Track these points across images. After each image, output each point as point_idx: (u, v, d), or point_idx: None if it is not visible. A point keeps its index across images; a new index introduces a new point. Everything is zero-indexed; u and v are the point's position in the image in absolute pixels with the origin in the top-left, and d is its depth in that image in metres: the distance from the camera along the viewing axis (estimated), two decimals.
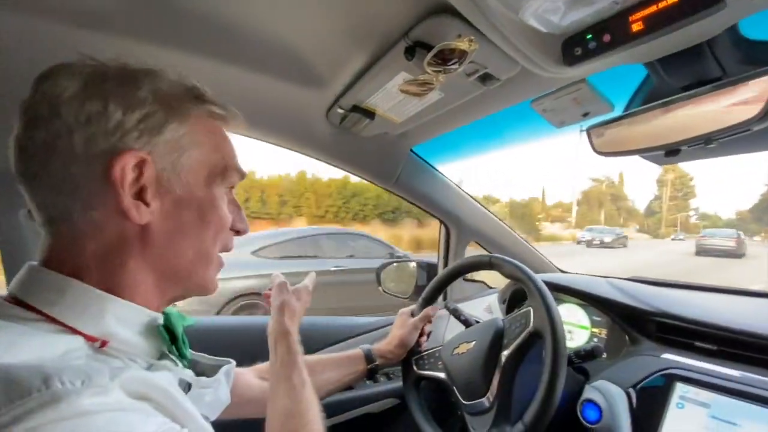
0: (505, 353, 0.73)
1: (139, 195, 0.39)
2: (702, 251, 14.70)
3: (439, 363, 0.85)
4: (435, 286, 0.94)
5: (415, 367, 0.90)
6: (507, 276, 0.79)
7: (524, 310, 0.74)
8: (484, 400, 0.73)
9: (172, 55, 0.68)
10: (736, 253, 14.14)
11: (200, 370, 0.51)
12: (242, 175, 0.49)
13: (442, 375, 0.83)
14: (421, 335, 0.93)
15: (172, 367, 0.42)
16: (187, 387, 0.43)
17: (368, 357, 0.85)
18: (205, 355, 0.53)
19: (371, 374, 0.87)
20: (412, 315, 0.94)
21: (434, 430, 0.82)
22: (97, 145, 0.37)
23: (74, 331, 0.35)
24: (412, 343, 0.90)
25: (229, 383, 0.50)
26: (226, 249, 0.48)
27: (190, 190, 0.42)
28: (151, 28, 0.63)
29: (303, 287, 0.75)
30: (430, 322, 0.95)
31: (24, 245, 0.82)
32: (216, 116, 0.46)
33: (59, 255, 0.38)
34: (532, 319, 0.71)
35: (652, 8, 0.46)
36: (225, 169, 0.45)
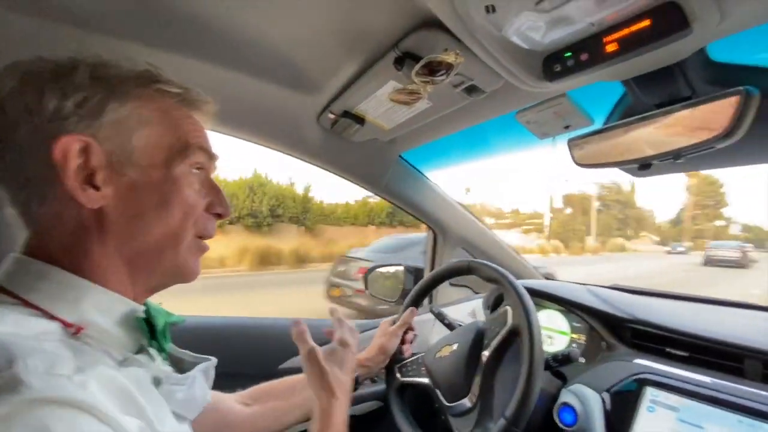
0: (486, 353, 0.74)
1: (89, 180, 0.38)
2: (709, 262, 15.73)
3: (423, 368, 0.86)
4: (418, 292, 0.95)
5: (398, 375, 0.90)
6: (485, 279, 0.81)
7: (503, 310, 0.76)
8: (466, 400, 0.74)
9: (165, 57, 0.69)
10: (740, 263, 15.55)
11: (182, 367, 0.49)
12: (210, 155, 0.47)
13: (425, 380, 0.84)
14: (403, 342, 0.91)
15: (147, 362, 0.41)
16: (157, 383, 0.41)
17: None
18: (188, 351, 0.52)
19: (353, 385, 0.84)
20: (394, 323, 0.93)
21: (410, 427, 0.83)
22: (39, 134, 0.37)
23: (50, 316, 0.35)
24: (392, 350, 0.89)
25: (208, 381, 0.48)
26: (207, 233, 0.47)
27: (145, 172, 0.41)
28: (145, 31, 0.64)
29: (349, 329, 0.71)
30: (411, 328, 0.93)
31: (13, 243, 0.82)
32: (170, 95, 0.44)
33: (35, 245, 0.39)
34: (510, 318, 0.73)
35: (625, 31, 0.49)
36: (185, 149, 0.43)
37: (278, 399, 0.75)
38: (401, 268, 1.30)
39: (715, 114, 0.53)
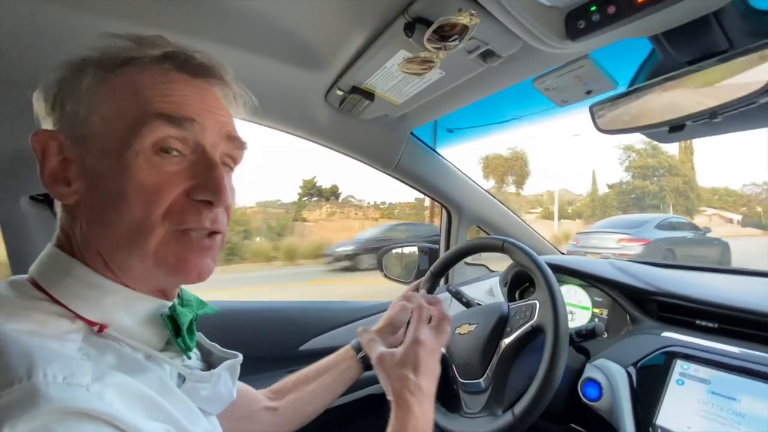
0: (506, 341, 0.73)
1: (64, 175, 0.38)
2: None
3: None
4: (445, 261, 0.90)
5: None
6: (518, 263, 0.76)
7: (530, 301, 0.74)
8: (480, 381, 0.74)
9: (168, 38, 0.66)
10: None
11: (210, 361, 0.50)
12: (174, 120, 0.37)
13: (442, 349, 0.84)
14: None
15: (174, 358, 0.41)
16: (181, 381, 0.41)
17: (357, 348, 0.78)
18: (216, 345, 0.51)
19: (367, 364, 0.78)
20: (431, 285, 0.87)
21: None
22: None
23: (74, 315, 0.35)
24: (402, 323, 0.81)
25: (233, 378, 0.47)
26: (193, 224, 0.38)
27: (100, 158, 0.37)
28: (146, 11, 0.62)
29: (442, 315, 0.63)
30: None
31: (27, 230, 0.83)
32: (150, 64, 0.39)
33: (60, 234, 0.40)
34: (537, 313, 0.71)
35: None
36: (139, 121, 0.36)
37: (295, 390, 0.74)
38: (415, 248, 1.28)
39: (755, 66, 0.49)
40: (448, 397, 0.84)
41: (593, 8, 0.51)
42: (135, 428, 0.30)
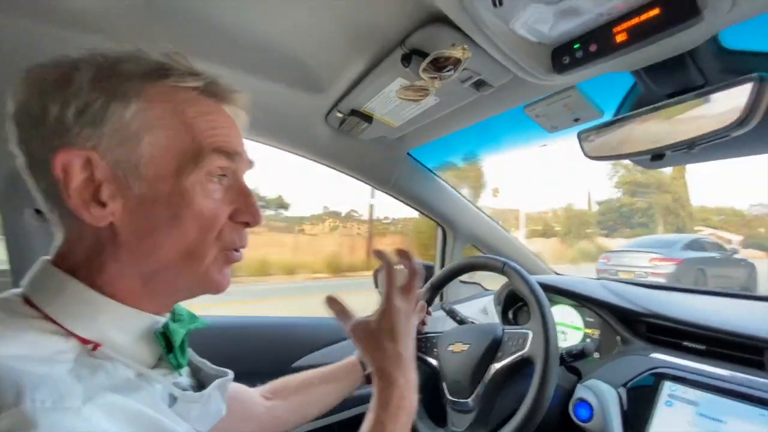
0: (496, 366, 0.74)
1: (96, 195, 0.36)
2: None
3: (435, 350, 0.86)
4: (445, 275, 0.93)
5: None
6: (516, 289, 0.77)
7: (524, 330, 0.74)
8: (468, 401, 0.75)
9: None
10: None
11: (200, 378, 0.49)
12: (230, 156, 0.41)
13: (434, 362, 0.85)
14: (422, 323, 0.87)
15: (165, 377, 0.40)
16: (173, 401, 0.40)
17: (363, 363, 0.80)
18: (207, 362, 0.51)
19: (369, 379, 0.84)
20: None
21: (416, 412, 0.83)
22: (47, 147, 0.35)
23: (68, 332, 0.35)
24: None
25: (223, 396, 0.47)
26: (236, 245, 0.43)
27: (153, 184, 0.37)
28: (150, 32, 0.64)
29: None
30: (428, 313, 0.90)
31: (30, 244, 0.84)
32: (188, 90, 0.39)
33: (62, 253, 0.39)
34: (528, 344, 0.72)
35: (635, 20, 0.48)
36: (198, 154, 0.38)
37: (298, 393, 0.75)
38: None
39: (728, 102, 0.52)
40: (436, 410, 0.84)
41: (576, 45, 0.55)
42: (156, 426, 0.31)
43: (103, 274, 0.38)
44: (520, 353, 0.72)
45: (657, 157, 0.60)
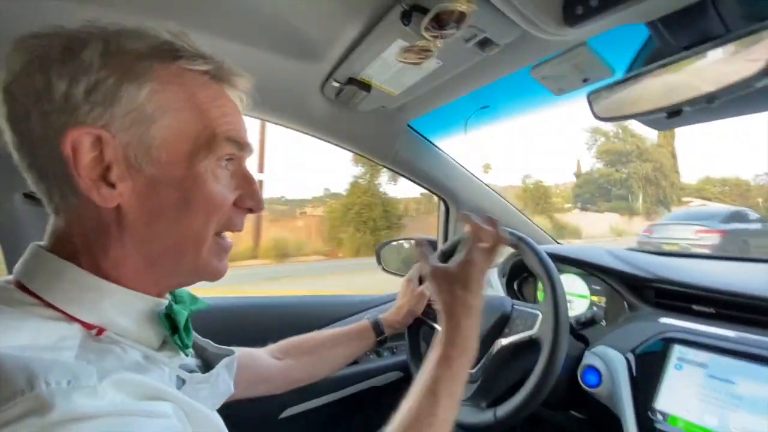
0: (503, 342, 0.74)
1: (104, 176, 0.35)
2: None
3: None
4: (458, 241, 0.92)
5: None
6: (528, 265, 0.75)
7: (534, 310, 0.74)
8: (472, 371, 0.75)
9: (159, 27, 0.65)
10: None
11: (205, 357, 0.50)
12: (240, 145, 0.41)
13: (439, 328, 0.85)
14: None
15: (171, 358, 0.40)
16: (181, 383, 0.41)
17: (377, 329, 0.85)
18: (211, 342, 0.51)
19: (380, 345, 0.87)
20: (421, 281, 0.92)
21: (418, 368, 0.84)
22: (51, 125, 0.34)
23: (70, 318, 0.34)
24: (419, 312, 0.90)
25: (231, 374, 0.47)
26: (234, 228, 0.43)
27: (165, 168, 0.37)
28: (138, 1, 0.60)
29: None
30: None
31: (21, 229, 0.81)
32: (198, 74, 0.39)
33: (57, 238, 0.38)
34: (537, 325, 0.71)
35: None
36: (211, 141, 0.38)
37: (310, 354, 0.78)
38: (413, 242, 1.28)
39: (752, 50, 0.49)
40: None
41: None
42: (147, 411, 0.30)
43: (107, 257, 0.37)
44: (528, 333, 0.71)
45: (673, 114, 0.57)
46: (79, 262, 0.36)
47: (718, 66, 0.52)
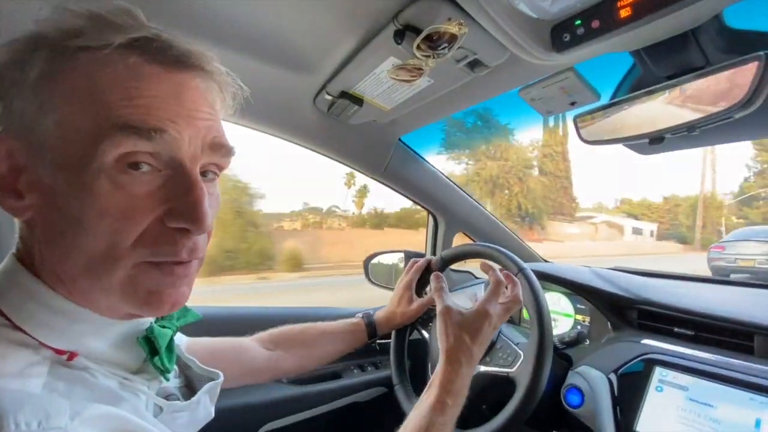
0: (481, 368, 0.73)
1: (14, 186, 0.32)
2: None
3: (429, 324, 0.86)
4: (458, 253, 0.91)
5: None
6: (522, 298, 0.73)
7: (517, 349, 0.73)
8: None
9: None
10: None
11: (188, 376, 0.48)
12: (145, 131, 0.30)
13: (426, 335, 0.86)
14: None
15: (150, 381, 0.38)
16: (158, 410, 0.38)
17: (370, 329, 0.84)
18: (195, 360, 0.48)
19: (371, 338, 0.87)
20: (421, 281, 0.91)
21: (399, 376, 0.85)
22: None
23: (38, 342, 0.31)
24: (411, 321, 0.89)
25: (213, 399, 0.44)
26: (167, 256, 0.33)
27: (56, 173, 0.31)
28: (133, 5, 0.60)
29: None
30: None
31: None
32: (98, 49, 0.31)
33: (19, 245, 0.35)
34: (517, 365, 0.70)
35: None
36: (101, 132, 0.30)
37: (302, 347, 0.78)
38: (401, 255, 1.28)
39: (731, 82, 0.51)
40: (419, 383, 0.84)
41: (578, 22, 0.52)
42: None
43: (47, 276, 0.33)
44: (505, 370, 0.71)
45: (656, 140, 0.58)
46: (44, 279, 0.33)
47: (698, 97, 0.54)
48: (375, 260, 1.30)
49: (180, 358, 0.47)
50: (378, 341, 0.87)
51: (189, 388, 0.45)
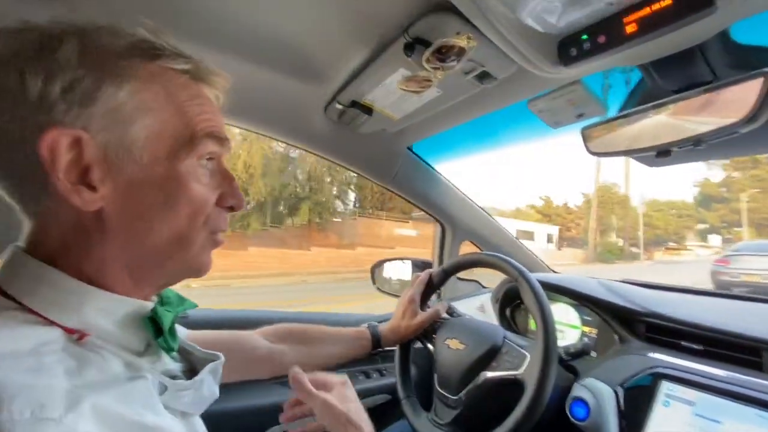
0: (488, 374, 0.73)
1: (84, 178, 0.34)
2: None
3: (433, 336, 0.86)
4: (459, 263, 0.92)
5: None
6: (525, 302, 0.74)
7: (524, 350, 0.74)
8: (455, 397, 0.75)
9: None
10: None
11: (190, 361, 0.49)
12: (220, 142, 0.41)
13: (431, 348, 0.85)
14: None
15: (154, 363, 0.39)
16: (163, 389, 0.39)
17: (374, 340, 0.85)
18: (197, 346, 0.50)
19: (372, 356, 0.87)
20: (425, 293, 0.92)
21: (405, 390, 0.85)
22: (24, 125, 0.32)
23: (51, 323, 0.33)
24: (415, 335, 0.89)
25: (216, 379, 0.46)
26: (218, 228, 0.42)
27: (146, 168, 0.36)
28: (142, 13, 0.62)
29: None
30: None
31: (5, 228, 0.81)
32: (178, 72, 0.39)
33: (35, 241, 0.37)
34: (524, 366, 0.70)
35: (646, 10, 0.47)
36: (192, 139, 0.38)
37: (305, 344, 0.78)
38: (409, 262, 1.29)
39: (738, 98, 0.51)
40: (425, 394, 0.85)
41: (585, 36, 0.53)
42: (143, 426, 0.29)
43: (89, 260, 0.36)
44: (513, 372, 0.71)
45: (663, 153, 0.59)
46: (58, 265, 0.35)
47: (705, 111, 0.54)
48: (381, 267, 1.31)
49: (182, 344, 0.48)
50: (379, 355, 0.87)
51: (192, 372, 0.45)
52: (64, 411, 0.27)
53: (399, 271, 1.30)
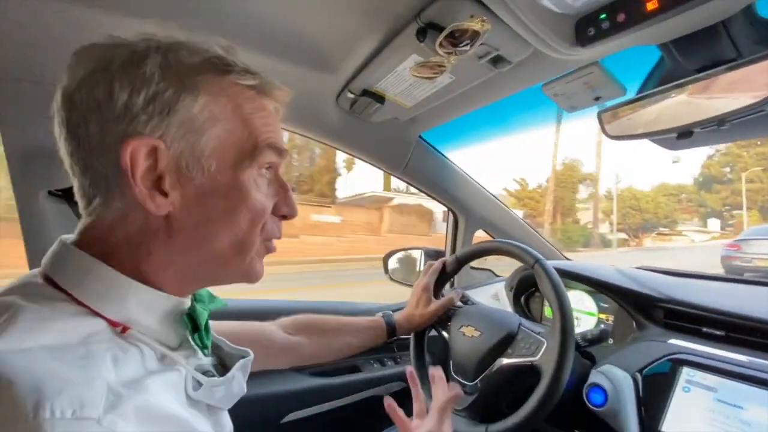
0: (504, 361, 0.73)
1: (157, 184, 0.36)
2: None
3: (448, 324, 0.87)
4: (473, 252, 0.92)
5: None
6: (541, 290, 0.74)
7: (539, 337, 0.73)
8: (470, 384, 0.75)
9: (178, 36, 0.68)
10: None
11: (220, 355, 0.50)
12: (280, 152, 0.43)
13: (445, 335, 0.86)
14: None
15: (188, 358, 0.40)
16: (198, 385, 0.41)
17: (389, 329, 0.86)
18: (226, 341, 0.52)
19: (387, 345, 0.89)
20: (438, 282, 0.93)
21: (420, 378, 0.84)
22: (109, 133, 0.35)
23: (97, 314, 0.35)
24: (430, 323, 0.90)
25: (245, 375, 0.47)
26: (272, 235, 0.45)
27: (213, 176, 0.38)
28: (158, 9, 0.62)
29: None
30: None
31: (45, 226, 0.84)
32: (244, 87, 0.41)
33: (90, 237, 0.38)
34: (541, 352, 0.70)
35: None
36: (254, 149, 0.40)
37: (322, 335, 0.80)
38: (420, 251, 1.29)
39: (764, 74, 0.49)
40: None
41: (603, 16, 0.52)
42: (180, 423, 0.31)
43: (150, 261, 0.38)
44: (530, 359, 0.71)
45: (684, 135, 0.57)
46: (110, 262, 0.37)
47: (728, 90, 0.52)
48: (394, 256, 1.31)
49: (212, 339, 0.49)
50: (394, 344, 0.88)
51: (222, 366, 0.47)
52: (103, 411, 0.28)
53: (412, 260, 1.30)
